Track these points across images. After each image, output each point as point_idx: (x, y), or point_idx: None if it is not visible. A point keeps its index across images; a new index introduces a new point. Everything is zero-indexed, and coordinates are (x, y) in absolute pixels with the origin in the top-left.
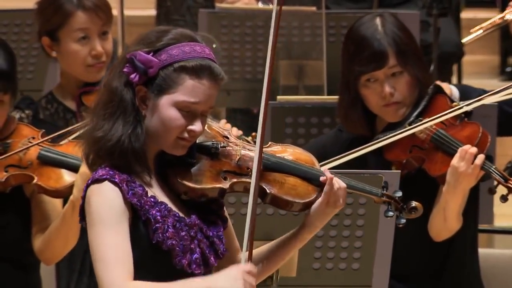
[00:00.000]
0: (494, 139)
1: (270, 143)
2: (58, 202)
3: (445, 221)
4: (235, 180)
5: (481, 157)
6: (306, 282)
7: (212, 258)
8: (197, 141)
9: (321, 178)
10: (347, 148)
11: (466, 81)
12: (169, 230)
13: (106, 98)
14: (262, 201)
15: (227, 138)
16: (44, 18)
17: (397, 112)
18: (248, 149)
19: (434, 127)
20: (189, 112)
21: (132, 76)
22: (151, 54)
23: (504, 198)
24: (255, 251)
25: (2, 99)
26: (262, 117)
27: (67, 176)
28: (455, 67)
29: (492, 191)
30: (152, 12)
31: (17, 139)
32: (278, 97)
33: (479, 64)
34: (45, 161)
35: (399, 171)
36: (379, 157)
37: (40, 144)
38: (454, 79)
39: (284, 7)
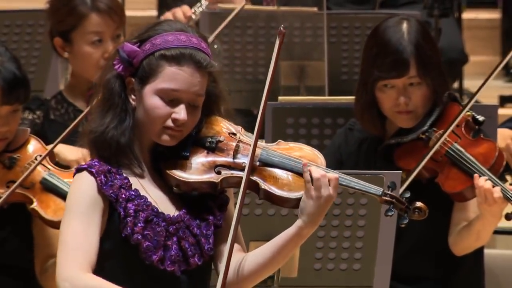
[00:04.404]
0: (495, 140)
1: (279, 141)
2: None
3: (477, 240)
4: (228, 174)
5: (497, 190)
6: (307, 283)
7: (196, 257)
8: (197, 135)
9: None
10: (358, 147)
11: (468, 83)
12: (139, 224)
13: (102, 92)
14: (258, 196)
15: (234, 134)
16: (57, 18)
17: (409, 120)
18: (247, 145)
19: (448, 139)
20: (173, 101)
21: (117, 67)
22: (137, 45)
23: (508, 217)
24: (255, 251)
25: (18, 108)
26: (260, 115)
27: None
28: None
29: (508, 217)
30: (153, 12)
31: (25, 154)
32: (279, 97)
33: (481, 65)
34: (47, 188)
35: (400, 171)
36: (389, 163)
37: (46, 166)
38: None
39: (285, 8)
